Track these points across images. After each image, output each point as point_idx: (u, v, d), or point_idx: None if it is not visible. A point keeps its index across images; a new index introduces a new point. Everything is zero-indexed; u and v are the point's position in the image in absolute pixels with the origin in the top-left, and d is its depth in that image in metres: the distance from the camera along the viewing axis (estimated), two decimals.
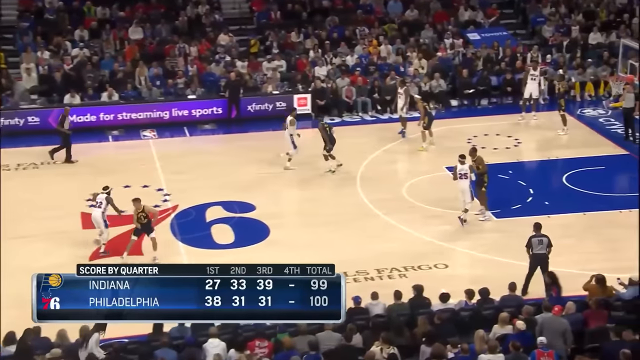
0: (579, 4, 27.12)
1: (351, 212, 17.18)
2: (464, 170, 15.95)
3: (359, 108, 23.22)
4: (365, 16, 26.60)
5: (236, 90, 22.60)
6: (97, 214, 15.44)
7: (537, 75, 22.00)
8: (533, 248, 13.47)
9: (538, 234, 13.58)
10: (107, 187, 15.86)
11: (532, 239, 13.54)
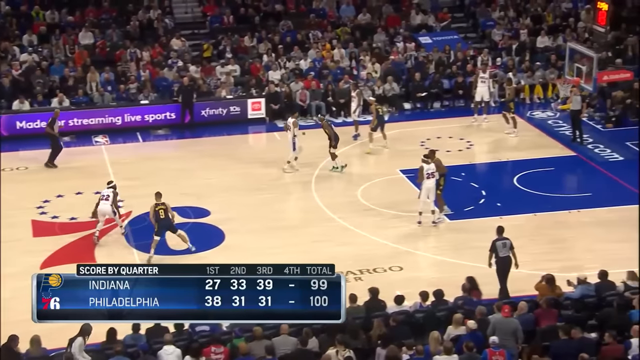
0: (526, 8, 27.60)
1: (306, 216, 17.21)
2: (431, 169, 16.08)
3: (313, 112, 23.26)
4: (318, 20, 26.69)
5: (189, 95, 22.46)
6: (107, 207, 16.07)
7: (486, 78, 22.34)
8: (498, 252, 13.43)
9: (501, 237, 13.58)
10: (112, 181, 16.59)
11: (496, 242, 13.49)
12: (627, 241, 15.46)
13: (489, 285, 13.43)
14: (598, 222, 16.42)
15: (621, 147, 20.38)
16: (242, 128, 22.66)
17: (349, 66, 24.93)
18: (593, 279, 12.65)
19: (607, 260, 14.22)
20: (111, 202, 16.14)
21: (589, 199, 17.41)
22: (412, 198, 17.45)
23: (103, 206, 16.12)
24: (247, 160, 20.42)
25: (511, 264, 13.43)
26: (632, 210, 16.81)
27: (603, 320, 11.18)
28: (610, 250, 15.13)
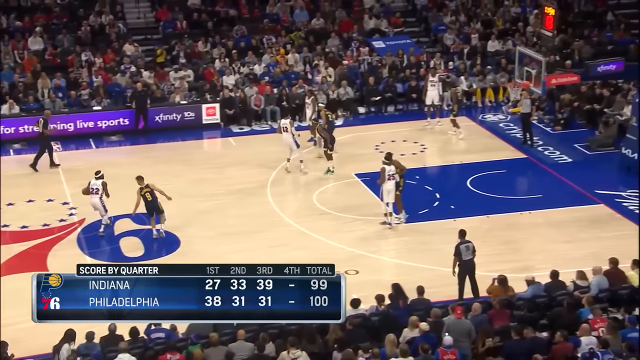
0: (477, 13, 28.00)
1: (262, 221, 17.17)
2: (392, 171, 16.18)
3: (267, 117, 23.25)
4: (271, 25, 26.68)
5: (143, 101, 22.24)
6: (96, 200, 16.24)
7: (436, 82, 22.58)
8: (462, 255, 13.49)
9: (464, 240, 13.66)
10: (99, 171, 16.59)
11: (460, 246, 13.55)
12: (577, 241, 15.85)
13: (449, 286, 13.59)
14: (549, 223, 16.73)
15: (570, 149, 20.79)
16: (197, 133, 22.53)
17: (303, 71, 24.99)
18: (544, 279, 12.89)
19: (558, 261, 14.51)
20: (100, 194, 16.31)
21: (539, 201, 17.73)
22: (368, 201, 17.58)
23: (93, 199, 16.32)
24: (202, 165, 20.30)
25: (475, 266, 13.58)
26: (581, 211, 17.23)
27: (554, 320, 11.40)
28: (561, 251, 15.43)
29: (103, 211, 16.46)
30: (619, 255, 13.39)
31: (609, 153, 20.21)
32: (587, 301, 11.65)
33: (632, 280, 12.64)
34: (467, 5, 28.41)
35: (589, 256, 14.71)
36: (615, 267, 12.89)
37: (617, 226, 16.53)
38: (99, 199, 16.33)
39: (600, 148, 20.54)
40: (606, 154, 20.23)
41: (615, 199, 17.71)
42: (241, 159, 20.55)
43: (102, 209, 16.44)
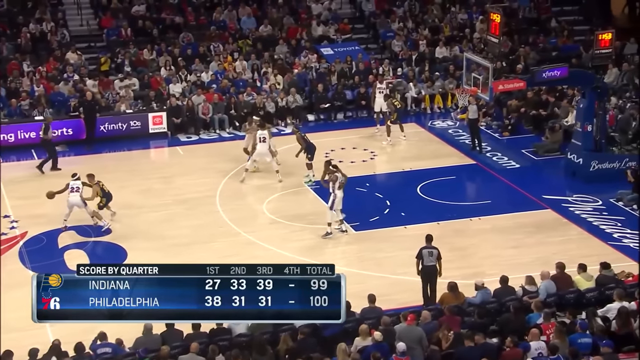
0: (424, 19, 28.37)
1: (211, 231, 17.09)
2: (342, 180, 16.21)
3: (216, 125, 23.16)
4: (219, 32, 26.61)
5: (92, 111, 21.87)
6: (76, 199, 16.90)
7: (383, 89, 22.80)
8: (424, 260, 13.59)
9: (429, 245, 13.78)
10: (75, 173, 17.23)
11: (423, 250, 13.67)
12: (524, 246, 16.17)
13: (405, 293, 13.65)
14: (497, 229, 17.03)
15: (517, 155, 21.20)
16: (144, 143, 22.32)
17: (252, 78, 24.97)
18: (495, 284, 13.11)
19: (507, 266, 14.79)
20: (81, 192, 16.92)
21: (488, 206, 18.03)
22: (318, 209, 17.64)
23: (73, 198, 16.88)
24: (149, 175, 20.12)
25: (436, 273, 13.71)
26: (528, 216, 17.59)
27: (503, 325, 11.60)
28: (509, 256, 15.72)
29: (84, 206, 16.99)
30: (566, 259, 13.73)
31: (555, 158, 20.67)
32: (535, 306, 11.89)
33: (578, 285, 12.94)
34: (415, 12, 28.77)
35: (536, 261, 15.03)
36: (562, 271, 13.19)
37: (564, 231, 16.93)
38: (79, 196, 16.91)
39: (546, 153, 21.00)
40: (552, 159, 20.70)
41: (562, 203, 18.13)
42: (189, 168, 20.42)
43: (83, 204, 16.98)
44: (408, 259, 15.29)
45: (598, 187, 18.53)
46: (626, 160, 19.07)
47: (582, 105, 19.38)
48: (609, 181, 18.54)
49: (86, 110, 21.78)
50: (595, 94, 19.01)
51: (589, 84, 19.09)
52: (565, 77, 18.70)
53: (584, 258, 14.09)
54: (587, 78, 19.43)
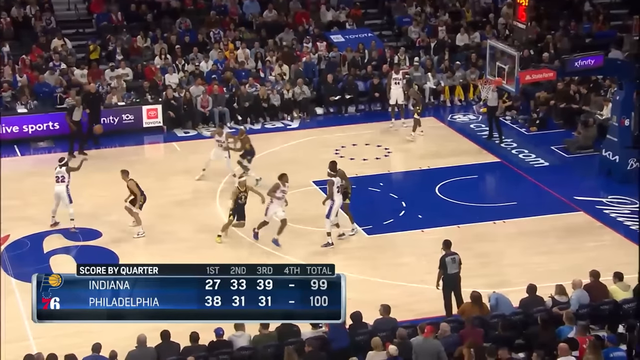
0: (444, 3, 28.32)
1: (210, 235, 17.08)
2: (339, 182, 16.23)
3: (216, 119, 23.16)
4: (219, 18, 26.63)
5: (96, 104, 21.84)
6: (61, 189, 16.74)
7: (400, 79, 22.76)
8: (448, 268, 13.55)
9: (449, 252, 13.73)
10: (63, 158, 17.28)
11: (445, 258, 13.61)
12: (555, 253, 16.09)
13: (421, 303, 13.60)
14: (524, 233, 16.97)
15: (546, 152, 21.15)
16: (137, 138, 22.35)
17: (255, 68, 24.98)
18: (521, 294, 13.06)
19: (535, 274, 14.74)
20: (67, 182, 16.73)
21: (514, 208, 17.97)
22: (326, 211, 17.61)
23: (57, 188, 16.73)
24: (143, 173, 20.05)
25: (460, 280, 13.69)
26: (559, 219, 17.51)
27: (531, 339, 11.54)
28: (538, 263, 15.66)
29: (67, 201, 16.83)
30: (600, 267, 13.65)
31: (588, 156, 20.60)
32: (566, 318, 11.82)
33: (614, 295, 12.86)
34: None
35: (568, 269, 14.95)
36: (597, 280, 13.12)
37: (598, 235, 16.86)
38: (65, 187, 16.73)
39: (578, 150, 20.93)
40: (585, 157, 20.64)
41: (596, 205, 18.05)
42: (187, 166, 20.42)
43: (67, 198, 16.80)
44: (426, 266, 15.31)
45: (636, 187, 18.43)
46: None
47: (618, 97, 19.31)
48: None
49: (90, 104, 21.76)
50: (634, 85, 18.92)
51: (627, 75, 19.01)
52: (600, 66, 18.64)
53: (620, 266, 13.99)
54: (625, 68, 19.37)
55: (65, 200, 16.89)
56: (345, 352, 11.48)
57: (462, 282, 13.75)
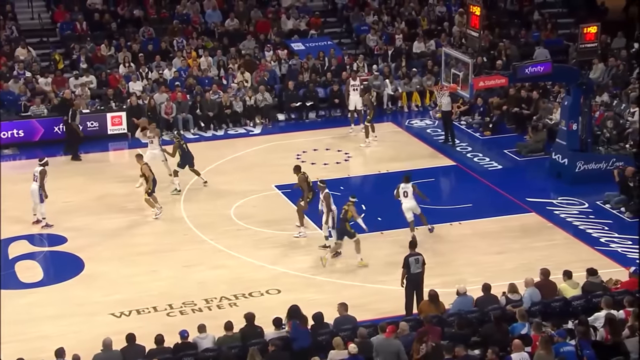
0: (401, 12, 28.52)
1: (174, 238, 17.03)
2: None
3: (180, 125, 23.06)
4: (182, 26, 26.52)
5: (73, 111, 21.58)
6: (34, 187, 16.81)
7: (357, 86, 22.90)
8: (411, 268, 13.69)
9: (413, 252, 13.89)
10: (44, 157, 17.40)
11: (409, 258, 13.75)
12: (508, 252, 16.31)
13: (380, 303, 13.69)
14: (479, 234, 17.15)
15: (499, 155, 21.38)
16: (102, 145, 22.17)
17: (218, 75, 24.93)
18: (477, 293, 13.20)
19: (489, 273, 14.91)
20: (40, 182, 16.73)
21: (469, 210, 18.15)
22: (289, 215, 17.66)
23: (32, 186, 16.90)
24: (108, 179, 19.99)
25: (422, 281, 13.80)
26: (511, 220, 17.74)
27: (486, 336, 11.69)
28: (492, 263, 15.84)
29: (38, 200, 16.81)
30: (551, 265, 13.87)
31: (539, 159, 20.88)
32: (519, 315, 11.99)
33: (563, 292, 13.07)
34: (391, 4, 28.91)
35: (520, 267, 15.17)
36: (547, 278, 13.31)
37: (549, 235, 17.10)
38: (37, 186, 16.80)
39: (530, 154, 21.20)
40: (536, 160, 20.90)
41: (547, 206, 18.31)
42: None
43: (38, 197, 16.78)
44: (385, 267, 15.43)
45: (584, 189, 18.74)
46: (613, 160, 19.30)
47: (566, 102, 19.59)
48: (596, 183, 18.73)
49: (66, 110, 21.51)
50: (581, 91, 19.22)
51: (574, 80, 19.30)
52: (549, 73, 18.92)
53: (569, 264, 14.24)
54: (572, 74, 19.63)
55: (35, 199, 16.81)
56: (308, 352, 11.52)
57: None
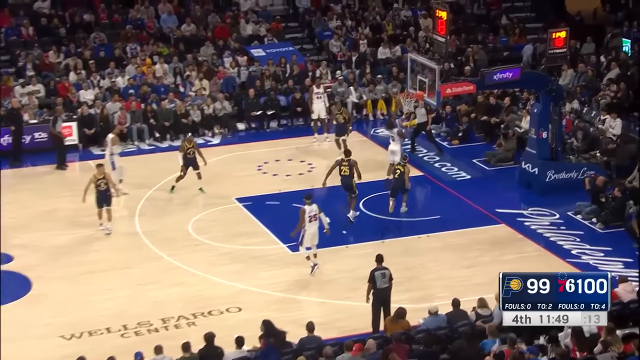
0: (365, 17, 28.69)
1: (129, 255, 16.89)
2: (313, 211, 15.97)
3: (134, 136, 22.90)
4: (135, 32, 26.38)
5: (19, 120, 21.41)
6: None
7: (321, 94, 22.97)
8: (377, 283, 13.69)
9: (380, 266, 13.87)
10: None
11: (375, 272, 13.74)
12: (478, 265, 16.40)
13: (346, 320, 13.72)
14: (448, 247, 17.23)
15: (468, 165, 21.54)
16: (50, 157, 21.87)
17: (174, 83, 24.82)
18: (446, 308, 13.25)
19: (459, 288, 14.99)
20: None
21: (437, 222, 18.24)
22: (251, 229, 17.66)
23: None
24: (57, 194, 19.76)
25: (390, 296, 13.80)
26: (481, 232, 17.85)
27: (455, 353, 11.72)
28: (462, 277, 15.91)
29: None
30: None
31: (509, 168, 21.07)
32: (490, 331, 12.04)
33: None
34: (354, 9, 29.06)
35: (491, 281, 15.10)
36: None
37: (519, 247, 17.24)
38: None
39: (499, 163, 21.37)
40: (506, 169, 21.09)
41: (517, 218, 18.46)
42: None
43: None
44: (351, 282, 15.41)
45: (555, 199, 18.95)
46: (584, 169, 19.53)
47: (536, 110, 19.80)
48: (567, 193, 18.95)
49: (13, 120, 21.24)
50: (550, 98, 19.44)
51: (543, 87, 19.51)
52: (518, 79, 19.09)
53: None
54: (541, 80, 19.84)
55: None
56: None
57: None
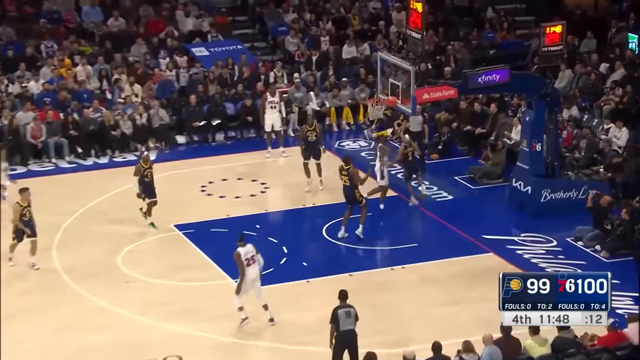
0: (327, 9, 28.82)
1: (46, 296, 16.79)
2: (250, 253, 15.72)
3: (51, 152, 22.79)
4: (51, 27, 26.28)
5: None
6: None
7: (277, 102, 22.95)
8: (340, 323, 13.68)
9: (344, 304, 13.87)
10: None
11: (338, 310, 13.73)
12: (462, 302, 16.51)
13: None
14: (427, 280, 17.32)
15: (450, 183, 21.71)
16: None
17: (99, 88, 24.74)
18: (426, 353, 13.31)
19: (441, 328, 15.06)
20: None
21: (415, 251, 18.34)
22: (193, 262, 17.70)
23: None
24: None
25: (356, 339, 13.81)
26: (466, 263, 17.98)
27: None
28: (443, 315, 16.00)
29: None
30: None
31: (497, 186, 21.27)
32: None
33: (529, 350, 13.26)
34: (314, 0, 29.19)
35: (477, 321, 15.33)
36: (509, 334, 13.50)
37: None
38: None
39: (486, 180, 21.51)
40: (493, 188, 21.29)
41: (507, 245, 18.62)
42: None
43: None
44: (312, 324, 15.41)
45: (551, 222, 19.14)
46: (585, 187, 19.69)
47: (528, 118, 19.97)
48: (565, 215, 19.11)
49: None
50: (545, 104, 19.60)
51: (537, 91, 19.67)
52: (506, 82, 19.23)
53: None
54: (534, 83, 19.97)
55: None
56: None
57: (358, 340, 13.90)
